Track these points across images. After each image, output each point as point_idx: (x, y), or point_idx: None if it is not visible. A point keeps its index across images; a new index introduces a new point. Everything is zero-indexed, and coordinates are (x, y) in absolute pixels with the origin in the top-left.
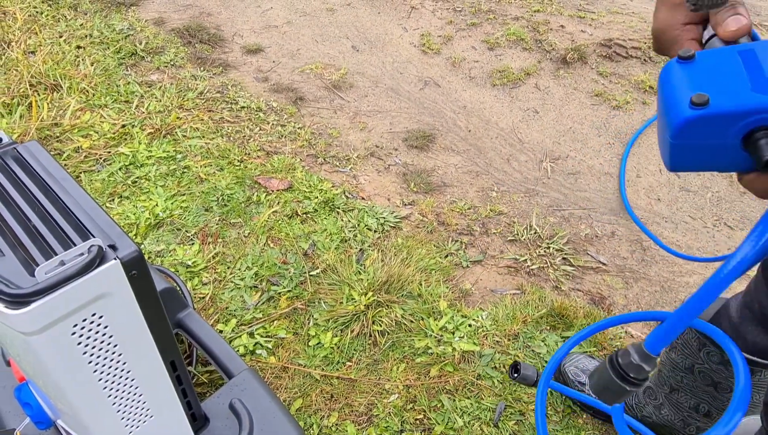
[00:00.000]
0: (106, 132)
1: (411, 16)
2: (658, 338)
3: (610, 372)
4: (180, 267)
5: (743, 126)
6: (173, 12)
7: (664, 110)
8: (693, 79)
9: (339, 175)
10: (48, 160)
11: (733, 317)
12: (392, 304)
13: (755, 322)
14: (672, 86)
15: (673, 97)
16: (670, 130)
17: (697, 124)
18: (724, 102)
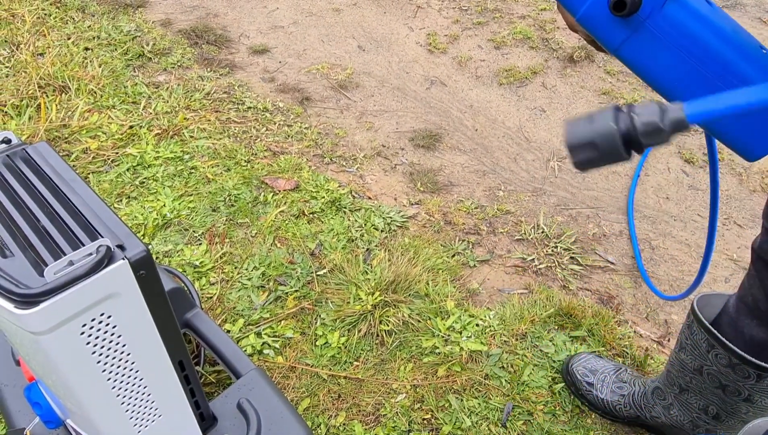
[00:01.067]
0: (114, 133)
1: (417, 16)
2: (700, 110)
3: (615, 125)
4: (187, 267)
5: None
6: (180, 13)
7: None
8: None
9: (346, 174)
10: (57, 160)
11: (731, 313)
12: (399, 303)
13: (750, 316)
14: None
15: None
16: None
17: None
18: None
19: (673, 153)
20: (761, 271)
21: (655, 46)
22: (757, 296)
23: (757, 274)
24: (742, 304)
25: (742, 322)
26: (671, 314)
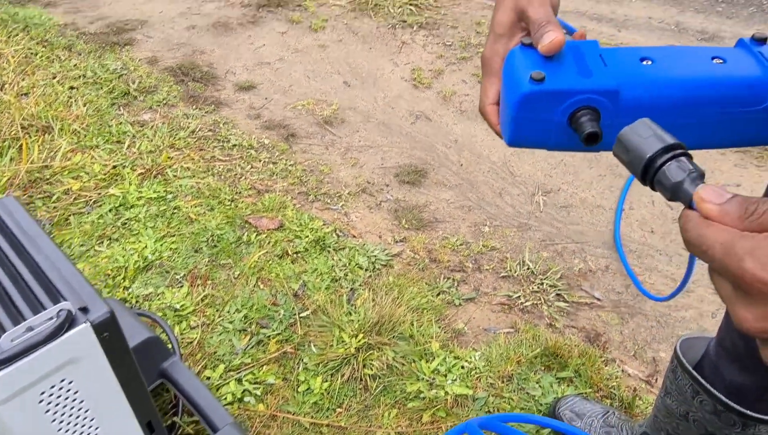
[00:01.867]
0: (97, 173)
1: (402, 51)
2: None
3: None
4: (168, 311)
5: (570, 104)
6: (167, 51)
7: (507, 88)
8: (532, 61)
9: (330, 212)
10: (23, 216)
11: (711, 356)
12: (383, 346)
13: (729, 360)
14: (515, 67)
15: (516, 75)
16: (511, 103)
17: (534, 97)
18: (557, 81)
19: None
20: None
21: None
22: (734, 340)
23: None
24: (721, 348)
25: (722, 367)
26: (659, 351)
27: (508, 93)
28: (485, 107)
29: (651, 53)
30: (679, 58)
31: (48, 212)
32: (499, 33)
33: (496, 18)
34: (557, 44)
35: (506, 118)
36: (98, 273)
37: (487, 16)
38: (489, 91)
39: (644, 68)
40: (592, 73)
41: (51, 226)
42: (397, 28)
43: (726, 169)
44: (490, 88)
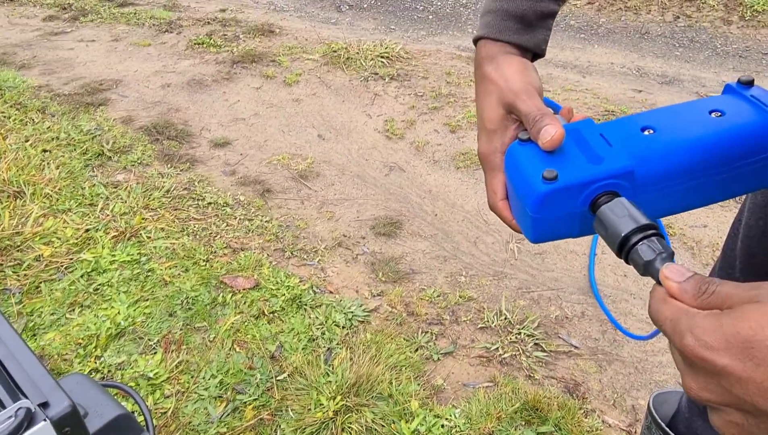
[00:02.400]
0: (69, 238)
1: (374, 103)
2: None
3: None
4: (141, 380)
5: (588, 194)
6: (142, 109)
7: (518, 189)
8: (537, 157)
9: (307, 268)
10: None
11: (684, 412)
12: (362, 407)
13: (702, 417)
14: (521, 165)
15: (525, 175)
16: (529, 206)
17: (551, 197)
18: (570, 175)
19: None
20: None
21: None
22: None
23: None
24: (693, 405)
25: (695, 423)
26: (638, 399)
27: (519, 193)
28: (496, 203)
29: (650, 121)
30: (678, 120)
31: (18, 280)
32: (492, 129)
33: (484, 114)
34: (558, 139)
35: (524, 218)
36: (69, 342)
37: (456, 66)
38: (496, 187)
39: (649, 139)
40: (602, 157)
41: (21, 295)
42: (369, 80)
43: (693, 210)
44: (496, 184)
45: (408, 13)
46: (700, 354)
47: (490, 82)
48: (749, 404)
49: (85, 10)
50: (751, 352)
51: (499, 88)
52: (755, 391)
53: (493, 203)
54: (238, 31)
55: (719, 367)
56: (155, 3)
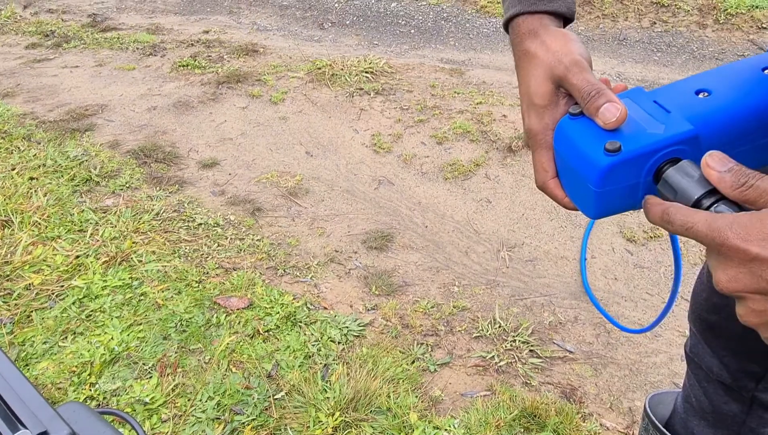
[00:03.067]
0: (59, 265)
1: (361, 118)
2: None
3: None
4: (137, 405)
5: (653, 163)
6: (128, 133)
7: (576, 164)
8: (595, 131)
9: (300, 285)
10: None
11: (680, 413)
12: (361, 422)
13: (697, 417)
14: (578, 140)
15: (584, 149)
16: (592, 180)
17: (616, 169)
18: (632, 145)
19: (615, 233)
20: (697, 373)
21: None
22: (698, 397)
23: (694, 375)
24: (687, 405)
25: (691, 423)
26: (634, 401)
27: (578, 169)
28: (547, 182)
29: (703, 83)
30: (732, 81)
31: (9, 310)
32: (542, 105)
33: (531, 90)
34: (622, 119)
35: (584, 194)
36: (63, 370)
37: (440, 78)
38: (547, 165)
39: (707, 102)
40: (662, 124)
41: (12, 325)
42: (354, 95)
43: None
44: (546, 162)
45: (390, 28)
46: (736, 244)
47: (535, 57)
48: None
49: (68, 36)
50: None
51: (546, 63)
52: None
53: (542, 182)
54: (222, 51)
55: (753, 255)
56: (138, 27)
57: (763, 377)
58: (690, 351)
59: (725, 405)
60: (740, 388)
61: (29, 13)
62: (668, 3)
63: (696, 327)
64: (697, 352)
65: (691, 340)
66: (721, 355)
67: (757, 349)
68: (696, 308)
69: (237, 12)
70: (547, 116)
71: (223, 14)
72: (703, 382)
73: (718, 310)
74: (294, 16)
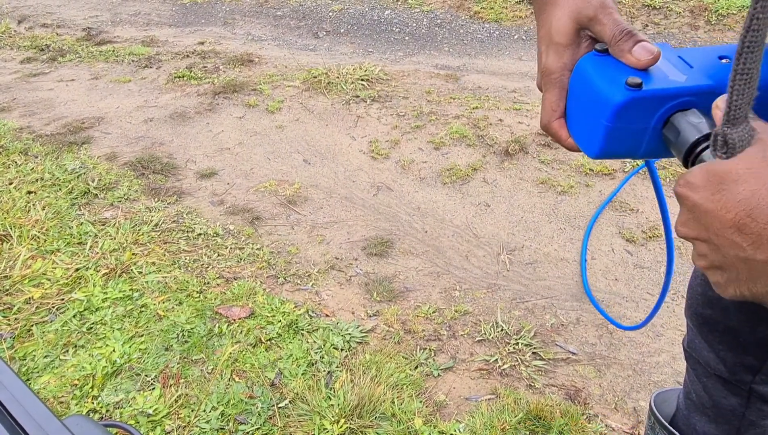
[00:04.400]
0: (59, 278)
1: (357, 125)
2: None
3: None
4: (141, 417)
5: (669, 108)
6: (125, 145)
7: (593, 95)
8: (618, 68)
9: (301, 293)
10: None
11: (682, 410)
12: (366, 429)
13: (698, 412)
14: (600, 74)
15: (604, 83)
16: (606, 114)
17: (633, 104)
18: (654, 84)
19: (615, 234)
20: (695, 368)
21: None
22: (698, 392)
23: (693, 371)
24: (689, 401)
25: (693, 419)
26: (638, 401)
27: (593, 103)
28: (551, 123)
29: (727, 51)
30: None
31: (9, 325)
32: (564, 43)
33: (553, 29)
34: (657, 58)
35: (592, 130)
36: (65, 384)
37: (435, 84)
38: (555, 105)
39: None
40: (684, 74)
41: (12, 340)
42: (351, 103)
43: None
44: (556, 102)
45: (384, 36)
46: (681, 191)
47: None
48: (712, 232)
49: (63, 50)
50: (720, 186)
51: (572, 4)
52: (714, 219)
53: (547, 122)
54: (218, 62)
55: (692, 201)
56: (133, 40)
57: (759, 369)
58: (687, 346)
59: (724, 399)
60: (738, 382)
61: (24, 27)
62: (660, 5)
63: (692, 322)
64: (694, 347)
65: (688, 336)
66: (718, 349)
67: (753, 342)
68: (692, 303)
69: (231, 23)
70: (566, 55)
71: (217, 25)
72: (702, 377)
73: (713, 304)
74: (288, 26)
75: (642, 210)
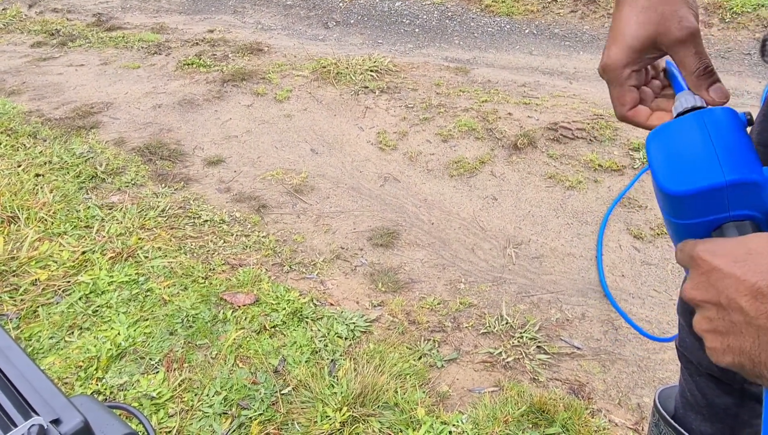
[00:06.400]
0: (65, 261)
1: (366, 116)
2: None
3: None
4: (144, 399)
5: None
6: (133, 131)
7: (729, 154)
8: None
9: (306, 281)
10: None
11: (679, 408)
12: (369, 417)
13: (693, 411)
14: (718, 140)
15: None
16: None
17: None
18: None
19: (622, 230)
20: (688, 367)
21: None
22: (692, 391)
23: (686, 370)
24: (684, 400)
25: (689, 418)
26: (643, 397)
27: (722, 158)
28: (626, 115)
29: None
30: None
31: (15, 305)
32: (634, 47)
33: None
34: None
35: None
36: (69, 365)
37: (445, 77)
38: (624, 99)
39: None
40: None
41: (18, 320)
42: (359, 94)
43: None
44: (625, 96)
45: (394, 27)
46: (701, 255)
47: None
48: (724, 296)
49: (73, 35)
50: (746, 256)
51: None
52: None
53: (622, 115)
54: (227, 50)
55: (711, 265)
56: (143, 26)
57: None
58: (680, 345)
59: (718, 398)
60: (730, 381)
61: (34, 12)
62: None
63: (684, 319)
64: (686, 346)
65: (680, 334)
66: None
67: None
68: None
69: (241, 11)
70: (632, 58)
71: (227, 14)
72: (695, 376)
73: None
74: (298, 16)
75: (650, 207)
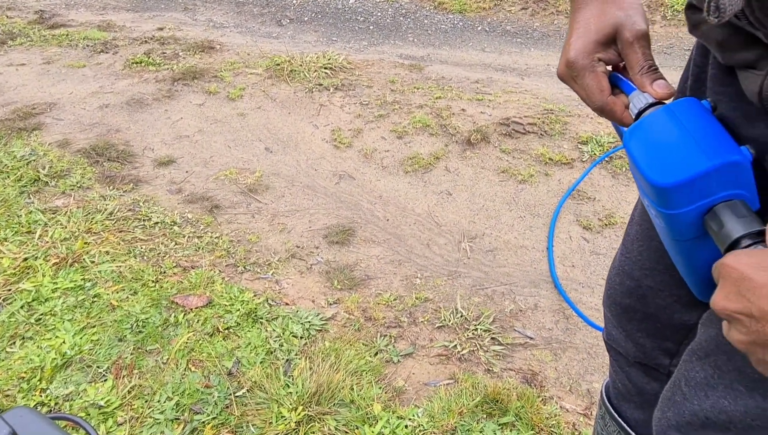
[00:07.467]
0: (6, 268)
1: (320, 113)
2: None
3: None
4: (92, 409)
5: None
6: (79, 132)
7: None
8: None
9: (261, 282)
10: None
11: (612, 399)
12: (324, 416)
13: (626, 401)
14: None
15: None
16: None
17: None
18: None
19: (572, 222)
20: (617, 359)
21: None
22: (623, 381)
23: (615, 362)
24: (615, 391)
25: (622, 407)
26: (592, 383)
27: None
28: (606, 102)
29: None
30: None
31: None
32: (599, 40)
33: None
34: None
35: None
36: (11, 377)
37: (399, 74)
38: (602, 84)
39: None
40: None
41: None
42: (314, 91)
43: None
44: (601, 81)
45: (349, 25)
46: (730, 263)
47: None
48: (756, 307)
49: (14, 33)
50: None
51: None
52: (762, 292)
53: (602, 103)
54: (178, 48)
55: (741, 273)
56: (89, 24)
57: (676, 353)
58: (607, 338)
59: (647, 385)
60: (657, 366)
61: None
62: None
63: (611, 312)
64: (613, 338)
65: (607, 327)
66: (636, 337)
67: (670, 326)
68: (611, 293)
69: (192, 9)
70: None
71: (177, 11)
72: (624, 367)
73: (630, 293)
74: (251, 13)
75: (598, 198)
